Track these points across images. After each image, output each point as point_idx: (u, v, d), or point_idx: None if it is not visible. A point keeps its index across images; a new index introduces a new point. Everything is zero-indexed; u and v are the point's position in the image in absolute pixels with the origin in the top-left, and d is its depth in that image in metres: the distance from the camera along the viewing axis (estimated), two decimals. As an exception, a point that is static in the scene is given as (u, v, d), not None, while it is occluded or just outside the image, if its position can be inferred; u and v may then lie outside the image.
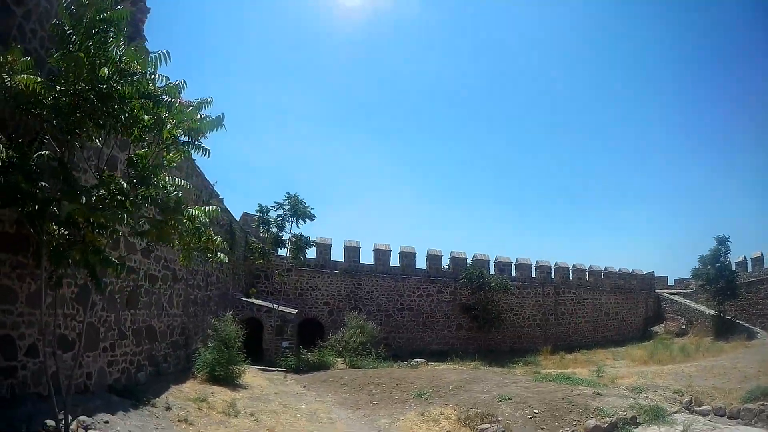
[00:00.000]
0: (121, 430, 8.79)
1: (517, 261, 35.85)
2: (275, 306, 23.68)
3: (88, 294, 10.02)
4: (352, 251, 31.50)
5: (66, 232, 7.34)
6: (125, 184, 7.72)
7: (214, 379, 14.46)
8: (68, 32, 7.04)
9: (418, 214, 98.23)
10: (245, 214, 28.44)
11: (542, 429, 11.30)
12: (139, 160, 7.98)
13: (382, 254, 32.05)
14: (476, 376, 16.04)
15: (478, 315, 31.57)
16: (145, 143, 8.12)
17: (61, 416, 7.47)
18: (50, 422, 7.37)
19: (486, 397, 13.46)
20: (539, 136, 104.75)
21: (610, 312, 39.25)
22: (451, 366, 21.86)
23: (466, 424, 11.68)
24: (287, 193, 24.39)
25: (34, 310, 8.36)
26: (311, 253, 29.71)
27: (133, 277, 12.14)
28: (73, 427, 7.78)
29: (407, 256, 32.59)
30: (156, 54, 7.52)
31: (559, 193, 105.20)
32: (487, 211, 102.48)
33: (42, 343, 7.62)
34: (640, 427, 11.40)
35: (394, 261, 32.43)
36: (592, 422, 11.25)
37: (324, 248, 30.96)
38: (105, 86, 7.01)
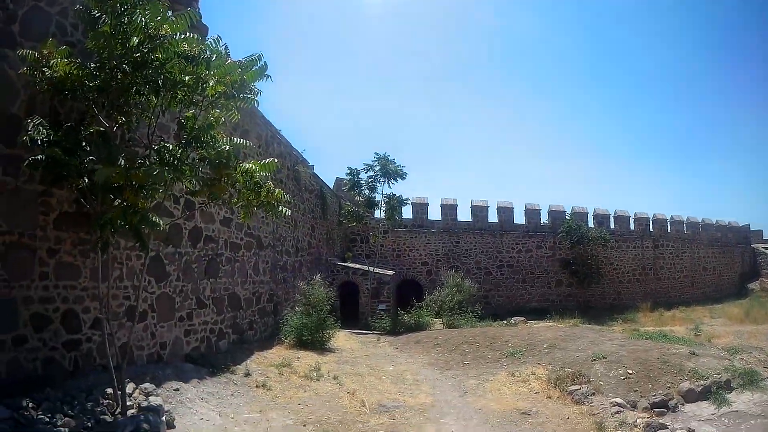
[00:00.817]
0: (191, 396, 8.83)
1: (615, 213, 33.62)
2: (371, 268, 23.51)
3: (159, 265, 10.20)
4: (449, 209, 30.63)
5: (118, 201, 7.27)
6: (171, 146, 7.61)
7: (302, 344, 14.46)
8: (96, 15, 6.96)
9: (514, 169, 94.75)
10: (338, 180, 28.38)
11: (635, 390, 10.25)
12: (187, 122, 7.81)
13: (479, 210, 30.93)
14: (572, 334, 14.94)
15: (578, 270, 30.00)
16: (194, 105, 7.84)
17: (126, 385, 7.60)
18: (109, 390, 7.45)
19: (580, 355, 12.42)
20: (632, 87, 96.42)
21: (708, 266, 36.79)
22: (549, 324, 20.73)
23: (556, 385, 10.82)
24: (376, 153, 23.84)
25: (99, 283, 8.52)
26: (407, 213, 29.37)
27: (211, 246, 12.22)
28: (135, 394, 7.84)
29: (505, 212, 31.28)
30: (183, 13, 7.18)
31: (651, 143, 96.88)
32: (583, 163, 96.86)
33: (103, 314, 7.63)
34: (734, 392, 10.13)
35: (492, 217, 31.26)
36: (686, 385, 10.23)
37: (420, 207, 30.35)
38: (138, 54, 6.87)
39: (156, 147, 7.65)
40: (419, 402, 10.42)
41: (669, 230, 35.31)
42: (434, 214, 30.86)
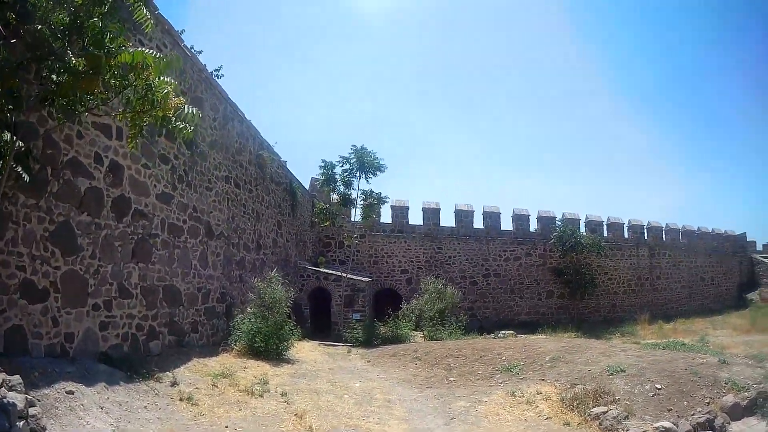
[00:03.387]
0: (87, 403, 6.55)
1: (608, 220, 31.70)
2: (344, 274, 21.22)
3: (68, 234, 7.93)
4: (431, 213, 28.29)
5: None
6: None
7: (254, 352, 12.20)
8: None
9: (501, 174, 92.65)
10: (312, 180, 26.04)
11: (669, 410, 8.38)
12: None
13: (464, 215, 28.64)
14: (576, 345, 12.86)
15: (571, 279, 27.93)
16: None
17: None
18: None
19: (593, 369, 10.33)
20: (625, 96, 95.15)
21: (706, 276, 35.28)
22: (543, 337, 18.55)
23: (574, 407, 8.62)
24: (353, 145, 21.38)
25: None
26: (386, 217, 27.21)
27: (143, 223, 9.96)
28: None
29: (491, 217, 29.02)
30: None
31: (639, 151, 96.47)
32: (573, 170, 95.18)
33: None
34: None
35: (478, 222, 29.02)
36: (729, 398, 8.63)
37: (400, 211, 27.97)
38: None
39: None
40: (387, 431, 8.17)
41: (664, 239, 33.63)
42: (415, 218, 28.55)
